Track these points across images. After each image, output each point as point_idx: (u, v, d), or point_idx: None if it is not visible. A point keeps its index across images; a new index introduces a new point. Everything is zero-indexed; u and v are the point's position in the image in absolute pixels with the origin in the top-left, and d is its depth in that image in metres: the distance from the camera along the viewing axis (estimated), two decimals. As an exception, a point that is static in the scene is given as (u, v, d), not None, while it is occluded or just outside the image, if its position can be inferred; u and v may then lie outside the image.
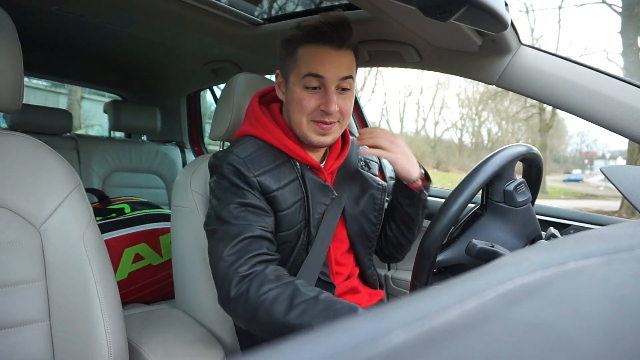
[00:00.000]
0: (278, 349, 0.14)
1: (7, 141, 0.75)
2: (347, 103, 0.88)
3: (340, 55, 0.84)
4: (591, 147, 22.17)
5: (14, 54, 0.75)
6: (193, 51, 1.87)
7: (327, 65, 0.83)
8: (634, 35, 9.35)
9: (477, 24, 0.81)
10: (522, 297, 0.18)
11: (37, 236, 0.74)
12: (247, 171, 0.83)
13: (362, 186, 1.00)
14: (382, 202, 1.03)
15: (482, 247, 0.79)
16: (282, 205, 0.85)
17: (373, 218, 1.00)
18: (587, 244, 0.27)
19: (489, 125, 22.15)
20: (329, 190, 0.91)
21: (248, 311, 0.75)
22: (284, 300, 0.73)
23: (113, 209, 1.50)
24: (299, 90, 0.86)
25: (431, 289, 0.20)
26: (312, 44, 0.84)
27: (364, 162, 1.05)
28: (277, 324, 0.73)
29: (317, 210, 0.89)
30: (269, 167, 0.86)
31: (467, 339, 0.15)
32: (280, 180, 0.86)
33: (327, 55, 0.83)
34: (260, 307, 0.74)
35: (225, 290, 0.78)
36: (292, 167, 0.89)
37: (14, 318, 0.71)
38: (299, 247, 0.88)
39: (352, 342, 0.14)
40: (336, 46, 0.84)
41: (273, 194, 0.84)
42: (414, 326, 0.15)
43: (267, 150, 0.88)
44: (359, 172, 1.02)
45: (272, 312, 0.73)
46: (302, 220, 0.88)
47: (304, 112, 0.86)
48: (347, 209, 0.97)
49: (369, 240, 1.01)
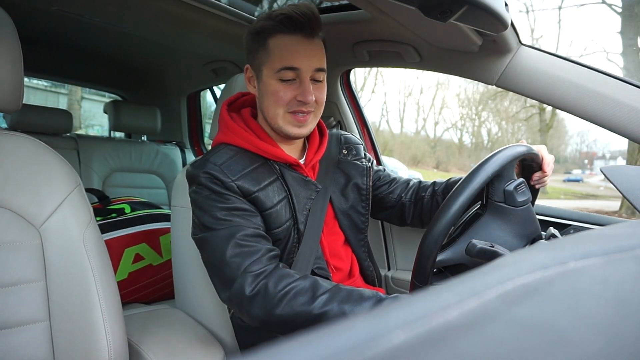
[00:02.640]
0: (278, 349, 0.14)
1: (7, 141, 0.76)
2: (322, 93, 0.89)
3: (313, 45, 0.85)
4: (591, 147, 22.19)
5: (14, 54, 0.75)
6: (193, 51, 1.87)
7: (301, 56, 0.83)
8: (634, 36, 9.36)
9: (477, 24, 0.81)
10: (522, 297, 0.18)
11: (37, 236, 0.74)
12: (224, 177, 0.83)
13: (346, 176, 1.02)
14: (368, 189, 1.03)
15: (482, 247, 0.79)
16: (266, 204, 0.85)
17: (361, 209, 1.02)
18: (587, 244, 0.27)
19: (489, 125, 22.18)
20: (312, 184, 0.92)
21: (267, 307, 0.75)
22: (307, 291, 0.74)
23: (113, 209, 1.50)
24: (273, 82, 0.86)
25: (431, 289, 0.20)
26: (284, 34, 0.84)
27: (346, 149, 1.06)
28: (300, 315, 0.73)
29: (304, 206, 0.90)
30: (246, 170, 0.86)
31: (467, 339, 0.15)
32: (260, 181, 0.86)
33: (300, 45, 0.84)
34: (282, 301, 0.74)
35: (237, 291, 0.77)
36: (271, 168, 0.89)
37: (14, 318, 0.71)
38: (291, 244, 0.89)
39: (352, 342, 0.14)
40: (308, 36, 0.84)
41: (254, 195, 0.84)
42: (414, 326, 0.15)
43: (242, 155, 0.88)
44: (341, 161, 1.02)
45: (294, 305, 0.73)
46: (290, 218, 0.88)
47: (280, 103, 0.86)
48: (336, 204, 0.98)
49: (360, 232, 1.02)
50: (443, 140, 23.38)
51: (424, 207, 1.08)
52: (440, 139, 23.37)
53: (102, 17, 1.54)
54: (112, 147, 2.07)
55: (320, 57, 0.87)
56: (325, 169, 0.99)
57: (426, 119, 23.75)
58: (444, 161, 22.44)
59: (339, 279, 0.97)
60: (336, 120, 1.61)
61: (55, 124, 1.93)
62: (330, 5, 1.26)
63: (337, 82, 1.57)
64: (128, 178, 2.08)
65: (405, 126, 23.01)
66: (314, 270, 0.90)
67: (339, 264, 0.98)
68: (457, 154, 22.56)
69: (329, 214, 0.96)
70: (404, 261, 1.50)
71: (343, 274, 0.98)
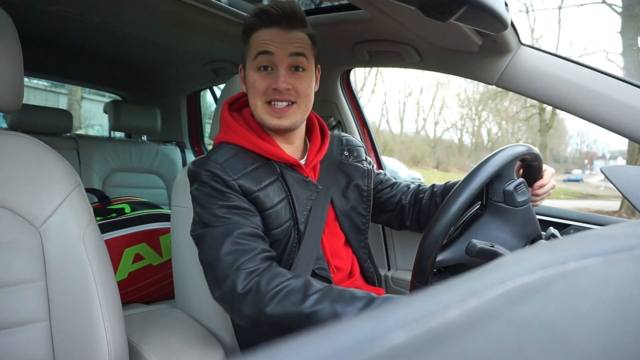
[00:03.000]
0: (278, 349, 0.14)
1: (7, 141, 0.76)
2: (302, 82, 0.87)
3: (290, 34, 0.86)
4: (591, 147, 22.22)
5: (14, 54, 0.75)
6: (193, 51, 1.87)
7: (276, 42, 0.84)
8: (634, 35, 9.37)
9: (477, 24, 0.81)
10: (522, 297, 0.18)
11: (37, 236, 0.74)
12: (226, 175, 0.83)
13: (347, 177, 1.02)
14: (369, 190, 1.04)
15: (482, 247, 0.79)
16: (266, 204, 0.85)
17: (362, 210, 1.02)
18: (587, 244, 0.27)
19: (489, 125, 22.19)
20: (312, 185, 0.92)
21: (258, 305, 0.74)
22: (298, 290, 0.74)
23: (113, 209, 1.50)
24: (252, 73, 0.87)
25: (431, 289, 0.20)
26: (262, 28, 0.85)
27: (347, 151, 1.06)
28: (291, 314, 0.72)
29: (304, 207, 0.90)
30: (247, 170, 0.86)
31: (467, 338, 0.15)
32: (260, 181, 0.86)
33: (276, 35, 0.85)
34: (273, 299, 0.73)
35: (229, 288, 0.77)
36: (271, 169, 0.89)
37: (14, 318, 0.71)
38: (291, 244, 0.89)
39: (352, 342, 0.14)
40: (285, 27, 0.85)
41: (255, 195, 0.84)
42: (414, 326, 0.15)
43: (243, 155, 0.88)
44: (342, 163, 1.02)
45: (285, 303, 0.73)
46: (290, 219, 0.88)
47: (257, 93, 0.87)
48: (337, 205, 0.98)
49: (361, 234, 1.02)
50: (443, 140, 23.41)
51: (422, 208, 1.08)
52: (440, 139, 23.39)
53: (102, 17, 1.54)
54: (112, 147, 2.07)
55: (299, 45, 0.86)
56: (326, 170, 0.99)
57: (426, 119, 23.77)
58: (444, 161, 22.45)
59: (339, 279, 0.97)
60: (336, 120, 1.61)
61: (55, 124, 1.93)
62: (330, 5, 1.26)
63: (337, 82, 1.57)
64: (128, 178, 2.08)
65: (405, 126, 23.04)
66: (315, 270, 0.90)
67: (340, 264, 0.98)
68: (457, 154, 22.57)
69: (330, 215, 0.96)
70: (404, 261, 1.50)
71: (343, 274, 0.99)
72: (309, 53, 0.88)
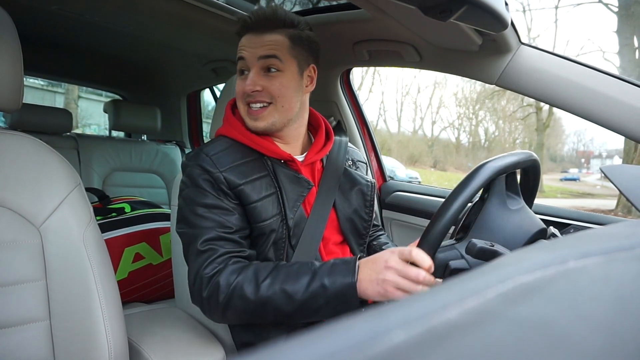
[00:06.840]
0: (278, 349, 0.15)
1: (7, 141, 0.76)
2: (274, 83, 0.89)
3: (261, 38, 0.88)
4: (588, 146, 22.25)
5: (14, 54, 0.75)
6: (193, 51, 1.87)
7: (247, 47, 0.89)
8: (630, 35, 9.39)
9: (477, 23, 0.81)
10: (523, 296, 0.18)
11: (37, 235, 0.74)
12: (212, 168, 0.85)
13: (351, 181, 1.02)
14: (372, 199, 1.04)
15: (482, 246, 0.79)
16: (251, 197, 0.86)
17: (364, 215, 1.02)
18: (587, 243, 0.27)
19: (486, 124, 22.21)
20: (304, 182, 0.92)
21: (222, 305, 0.78)
22: (250, 281, 0.77)
23: (113, 209, 1.50)
24: (237, 78, 0.92)
25: (431, 289, 0.20)
26: (243, 35, 0.91)
27: (352, 162, 1.07)
28: (251, 304, 0.76)
29: (294, 203, 0.90)
30: (236, 163, 0.88)
31: (467, 338, 0.15)
32: (248, 175, 0.87)
33: (248, 40, 0.89)
34: (232, 296, 0.77)
35: (197, 292, 0.81)
36: (263, 164, 0.91)
37: (14, 317, 0.71)
38: (280, 239, 0.89)
39: (352, 341, 0.14)
40: (257, 32, 0.89)
41: (240, 188, 0.86)
42: (414, 325, 0.15)
43: (236, 148, 0.91)
44: (347, 170, 1.03)
45: (243, 296, 0.76)
46: (278, 214, 0.89)
47: (238, 96, 0.92)
48: (339, 208, 0.98)
49: (361, 238, 1.03)
50: (440, 140, 23.42)
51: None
52: (437, 138, 23.40)
53: (102, 17, 1.54)
54: (112, 146, 2.07)
55: (270, 47, 0.88)
56: (330, 173, 0.99)
57: (423, 118, 23.79)
58: (441, 160, 22.45)
59: None
60: (336, 119, 1.61)
61: (55, 124, 1.93)
62: (330, 4, 1.26)
63: (337, 81, 1.57)
64: (128, 177, 2.08)
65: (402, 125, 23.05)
66: None
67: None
68: (455, 153, 22.58)
69: (331, 217, 0.96)
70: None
71: None
72: (283, 54, 0.89)
